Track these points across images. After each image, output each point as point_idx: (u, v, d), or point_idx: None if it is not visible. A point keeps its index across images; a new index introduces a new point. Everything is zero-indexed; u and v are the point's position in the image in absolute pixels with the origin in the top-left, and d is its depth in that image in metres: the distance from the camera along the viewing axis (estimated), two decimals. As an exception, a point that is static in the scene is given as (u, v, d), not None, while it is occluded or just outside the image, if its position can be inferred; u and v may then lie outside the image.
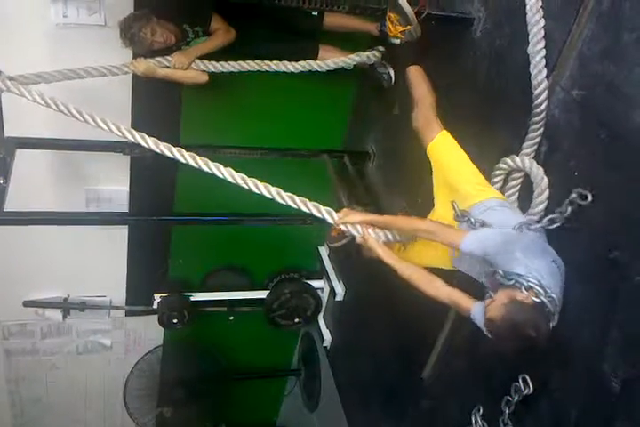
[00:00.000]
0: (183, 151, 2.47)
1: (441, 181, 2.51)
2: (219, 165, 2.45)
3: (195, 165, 2.45)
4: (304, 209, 2.48)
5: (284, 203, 2.47)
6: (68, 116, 2.46)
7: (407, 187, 3.37)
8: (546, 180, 2.11)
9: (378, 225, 2.51)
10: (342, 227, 2.50)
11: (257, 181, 2.46)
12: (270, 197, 2.46)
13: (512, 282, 1.92)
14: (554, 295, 1.90)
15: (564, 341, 2.10)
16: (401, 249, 2.65)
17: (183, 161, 2.45)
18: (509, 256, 1.98)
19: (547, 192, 2.14)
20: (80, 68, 2.81)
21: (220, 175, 2.44)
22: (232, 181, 2.44)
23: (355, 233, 2.49)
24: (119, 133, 2.48)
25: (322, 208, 2.49)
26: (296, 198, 2.48)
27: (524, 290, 1.89)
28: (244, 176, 2.46)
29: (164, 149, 2.47)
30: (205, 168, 2.44)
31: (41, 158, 3.71)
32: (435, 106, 2.56)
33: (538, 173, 2.13)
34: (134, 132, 2.48)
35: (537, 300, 1.88)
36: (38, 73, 2.72)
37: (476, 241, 2.09)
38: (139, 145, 2.49)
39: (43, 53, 3.23)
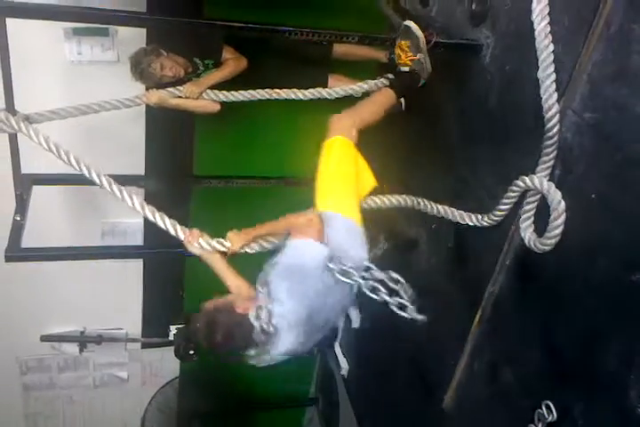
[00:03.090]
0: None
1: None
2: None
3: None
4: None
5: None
6: (76, 169, 2.49)
7: (421, 215, 3.36)
8: (563, 203, 2.09)
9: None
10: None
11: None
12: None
13: (260, 291, 2.06)
14: (272, 329, 1.97)
15: (589, 367, 2.06)
16: None
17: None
18: (283, 276, 2.06)
19: (564, 216, 2.12)
20: (94, 103, 2.84)
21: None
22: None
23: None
24: (120, 197, 2.50)
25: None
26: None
27: (255, 304, 2.01)
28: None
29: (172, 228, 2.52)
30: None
31: (56, 193, 3.76)
32: (362, 124, 2.58)
33: (555, 195, 2.11)
34: (135, 198, 2.51)
35: (252, 320, 1.97)
36: (53, 109, 2.76)
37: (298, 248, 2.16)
38: (152, 178, 2.52)
39: (58, 90, 3.29)
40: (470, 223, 2.67)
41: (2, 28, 2.33)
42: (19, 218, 2.83)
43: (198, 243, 2.44)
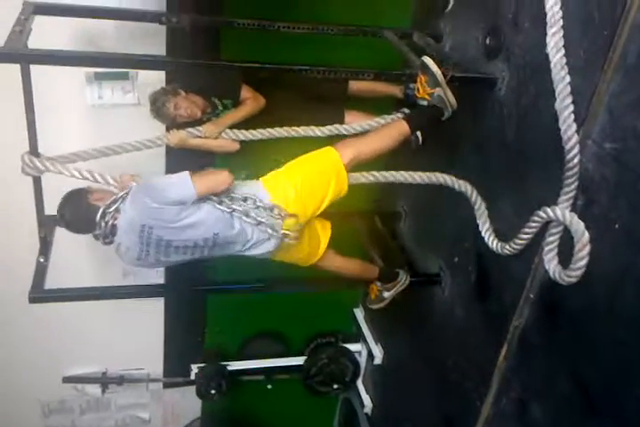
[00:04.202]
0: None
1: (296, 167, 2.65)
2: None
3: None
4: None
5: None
6: (104, 184, 2.59)
7: (441, 246, 3.34)
8: (587, 234, 2.07)
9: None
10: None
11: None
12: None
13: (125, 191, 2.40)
14: (109, 223, 2.35)
15: (620, 402, 2.00)
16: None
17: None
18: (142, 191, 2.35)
19: (588, 247, 2.09)
20: (116, 145, 2.89)
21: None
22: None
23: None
24: None
25: None
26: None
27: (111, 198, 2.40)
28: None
29: None
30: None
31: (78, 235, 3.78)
32: (362, 157, 2.68)
33: (578, 226, 2.09)
34: None
35: (101, 208, 2.36)
36: (75, 152, 2.81)
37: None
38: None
39: (80, 133, 3.36)
40: (491, 246, 2.65)
41: (26, 74, 2.40)
42: (42, 259, 2.85)
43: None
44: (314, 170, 2.62)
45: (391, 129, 2.82)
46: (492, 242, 2.66)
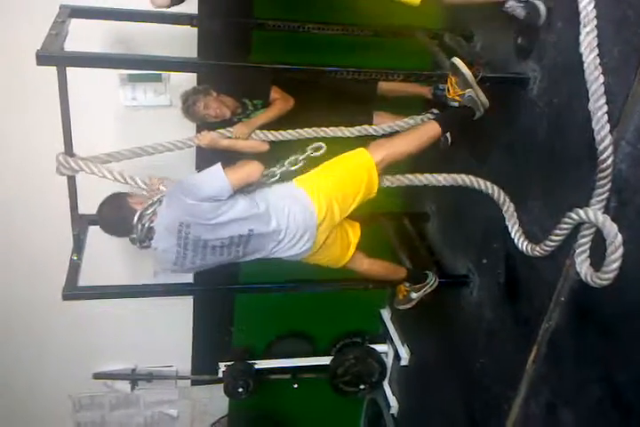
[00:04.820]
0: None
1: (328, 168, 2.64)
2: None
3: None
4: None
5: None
6: (135, 187, 2.62)
7: (470, 247, 3.33)
8: (620, 236, 2.04)
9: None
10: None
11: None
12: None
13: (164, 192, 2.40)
14: (146, 225, 2.33)
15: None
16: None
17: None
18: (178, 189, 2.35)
19: (621, 249, 2.06)
20: (148, 145, 2.93)
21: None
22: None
23: None
24: None
25: None
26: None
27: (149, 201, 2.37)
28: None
29: None
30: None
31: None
32: (393, 158, 2.65)
33: (612, 229, 2.07)
34: None
35: (138, 211, 2.34)
36: (109, 153, 2.85)
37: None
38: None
39: (113, 134, 3.42)
40: (521, 248, 2.63)
41: (62, 76, 2.45)
42: (75, 257, 2.91)
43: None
44: (346, 171, 2.62)
45: (422, 130, 2.81)
46: (522, 243, 2.64)
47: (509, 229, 2.73)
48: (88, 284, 2.90)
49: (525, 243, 2.63)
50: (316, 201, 2.51)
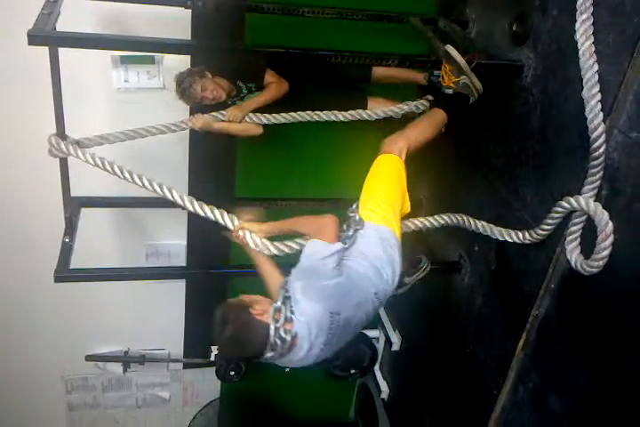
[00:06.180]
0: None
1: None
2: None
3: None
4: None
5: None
6: (130, 181, 2.56)
7: (461, 233, 3.33)
8: (611, 224, 2.05)
9: (270, 233, 2.43)
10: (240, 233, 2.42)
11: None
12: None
13: (282, 292, 2.03)
14: (288, 337, 1.95)
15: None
16: None
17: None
18: (297, 275, 2.05)
19: (612, 237, 2.08)
20: (141, 128, 2.92)
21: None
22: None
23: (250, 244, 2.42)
24: (170, 197, 2.55)
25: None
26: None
27: (273, 306, 1.98)
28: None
29: (211, 213, 2.52)
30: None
31: (104, 216, 3.86)
32: (413, 145, 2.59)
33: (603, 217, 2.08)
34: (193, 202, 2.55)
35: (269, 322, 1.94)
36: (102, 135, 2.84)
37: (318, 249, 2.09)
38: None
39: (106, 116, 3.40)
40: (510, 240, 2.64)
41: (54, 57, 2.43)
42: (67, 240, 2.90)
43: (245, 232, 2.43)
44: (389, 182, 2.51)
45: (430, 117, 2.80)
46: (513, 235, 2.64)
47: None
48: (80, 266, 2.90)
49: (515, 232, 2.64)
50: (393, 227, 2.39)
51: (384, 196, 2.44)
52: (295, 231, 2.38)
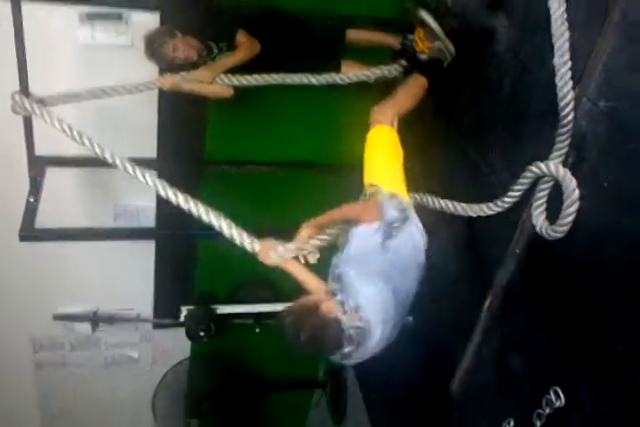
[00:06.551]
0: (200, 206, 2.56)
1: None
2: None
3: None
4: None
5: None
6: (89, 149, 2.50)
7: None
8: (577, 191, 2.09)
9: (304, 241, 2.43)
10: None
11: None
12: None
13: (336, 287, 2.01)
14: (362, 324, 1.95)
15: (598, 353, 2.08)
16: None
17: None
18: (350, 264, 2.04)
19: (577, 204, 2.12)
20: (108, 87, 2.86)
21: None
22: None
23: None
24: (132, 173, 2.53)
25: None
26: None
27: (335, 302, 1.96)
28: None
29: (174, 196, 2.58)
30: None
31: (70, 176, 3.78)
32: (401, 111, 2.64)
33: (570, 183, 2.11)
34: (147, 175, 2.55)
35: (338, 317, 1.92)
36: (67, 93, 2.78)
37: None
38: (164, 162, 2.53)
39: (71, 74, 3.30)
40: (475, 215, 2.67)
41: (17, 12, 2.34)
42: (32, 199, 2.87)
43: (275, 253, 2.41)
44: (387, 153, 2.57)
45: (412, 85, 2.84)
46: (481, 209, 2.65)
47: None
48: (48, 226, 2.87)
49: (482, 206, 2.65)
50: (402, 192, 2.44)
51: (385, 168, 2.49)
52: (338, 222, 2.42)
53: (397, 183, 2.46)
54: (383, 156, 2.54)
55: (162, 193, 2.50)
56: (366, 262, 2.08)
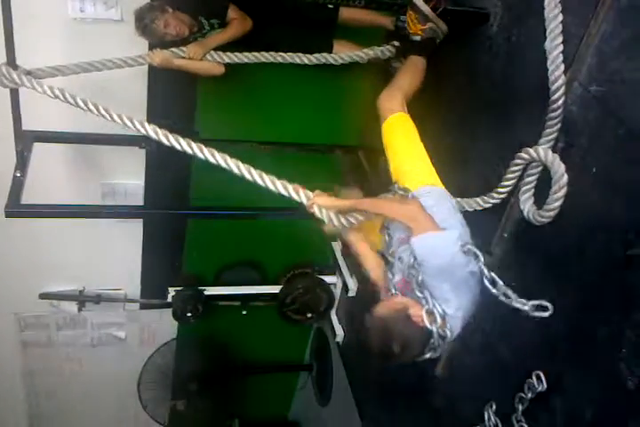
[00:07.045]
0: (192, 143, 2.44)
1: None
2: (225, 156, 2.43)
3: (204, 157, 2.43)
4: (276, 189, 2.40)
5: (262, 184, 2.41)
6: (84, 109, 2.47)
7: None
8: (566, 176, 2.08)
9: (344, 210, 2.36)
10: (314, 210, 2.35)
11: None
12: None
13: (421, 296, 1.92)
14: (448, 333, 1.89)
15: (580, 339, 2.09)
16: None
17: (190, 152, 2.43)
18: (439, 278, 1.93)
19: (565, 189, 2.11)
20: (97, 61, 2.82)
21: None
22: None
23: (325, 219, 2.35)
24: (132, 127, 2.46)
25: (291, 189, 2.40)
26: (275, 181, 2.42)
27: (424, 310, 1.88)
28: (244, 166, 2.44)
29: (176, 142, 2.45)
30: (212, 159, 2.42)
31: (58, 152, 3.74)
32: (408, 93, 2.56)
33: (559, 168, 2.10)
34: (146, 124, 2.46)
35: (428, 326, 1.86)
36: (55, 66, 2.74)
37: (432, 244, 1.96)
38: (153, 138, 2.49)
39: (60, 47, 3.25)
40: (471, 209, 2.63)
41: (4, -18, 2.30)
42: (19, 174, 2.84)
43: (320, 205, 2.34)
44: (405, 140, 2.44)
45: (413, 65, 2.79)
46: (476, 203, 2.64)
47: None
48: (34, 202, 2.84)
49: (477, 200, 2.63)
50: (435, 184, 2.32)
51: (414, 157, 2.38)
52: (373, 213, 2.31)
53: (435, 174, 2.34)
54: (416, 151, 2.39)
55: (164, 141, 2.42)
56: (452, 272, 1.95)
